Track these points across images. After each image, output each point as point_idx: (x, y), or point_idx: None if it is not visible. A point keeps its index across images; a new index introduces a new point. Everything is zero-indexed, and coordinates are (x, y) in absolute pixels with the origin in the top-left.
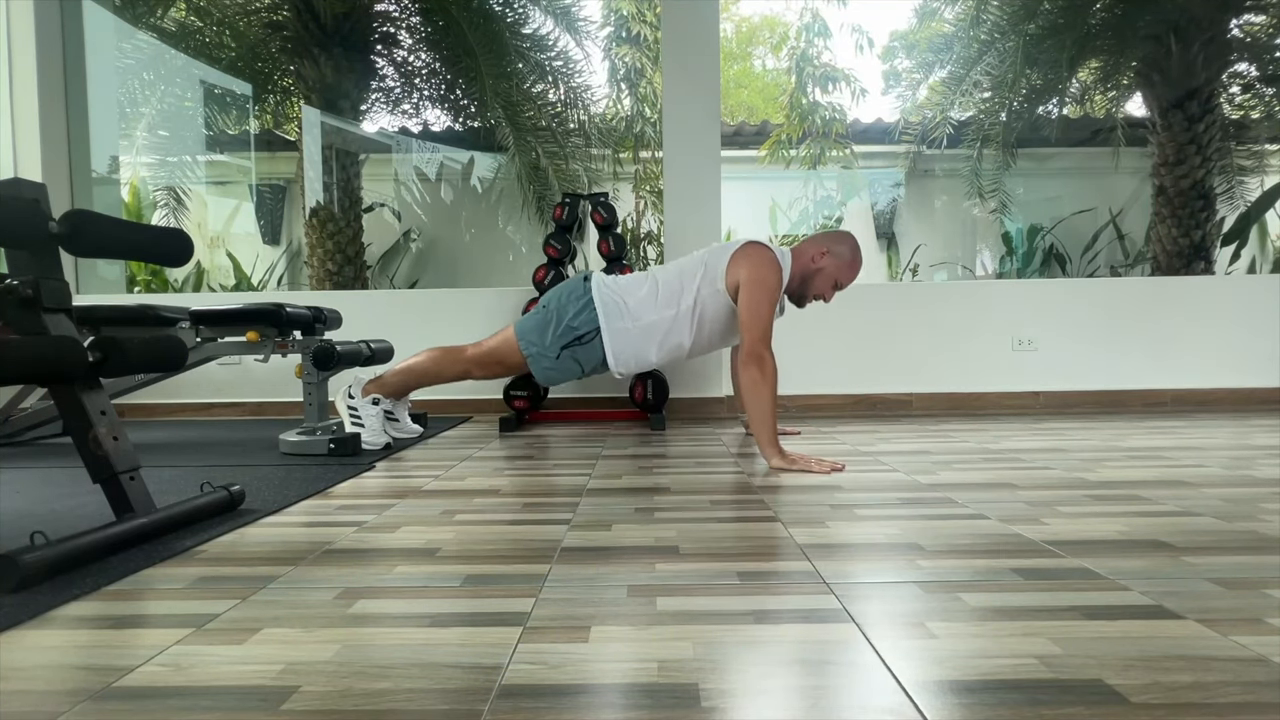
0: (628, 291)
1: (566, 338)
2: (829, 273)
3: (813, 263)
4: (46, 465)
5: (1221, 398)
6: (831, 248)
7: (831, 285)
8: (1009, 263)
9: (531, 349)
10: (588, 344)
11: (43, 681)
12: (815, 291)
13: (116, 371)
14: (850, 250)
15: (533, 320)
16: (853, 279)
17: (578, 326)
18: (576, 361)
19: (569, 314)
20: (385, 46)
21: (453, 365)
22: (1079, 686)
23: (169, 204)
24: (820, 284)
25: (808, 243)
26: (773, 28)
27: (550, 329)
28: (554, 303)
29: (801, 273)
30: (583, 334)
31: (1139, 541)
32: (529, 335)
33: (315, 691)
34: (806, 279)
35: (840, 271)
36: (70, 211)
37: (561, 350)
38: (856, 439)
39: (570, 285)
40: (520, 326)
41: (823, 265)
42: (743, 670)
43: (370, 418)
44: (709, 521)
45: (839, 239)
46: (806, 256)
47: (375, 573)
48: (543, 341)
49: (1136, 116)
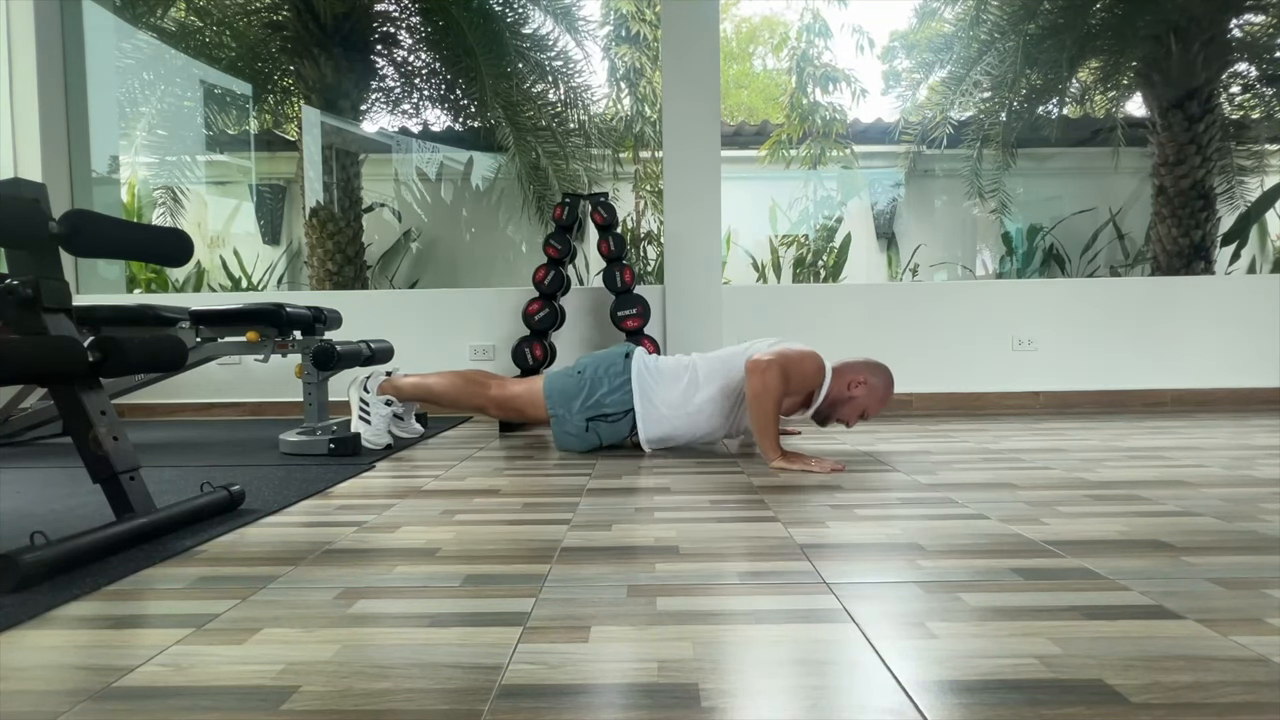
0: (668, 380)
1: (594, 412)
2: (860, 403)
3: (848, 390)
4: (46, 465)
5: (1221, 398)
6: (869, 379)
7: (858, 414)
8: (1009, 263)
9: (557, 411)
10: (614, 423)
11: (43, 681)
12: (841, 417)
13: (116, 371)
14: (885, 385)
15: (563, 382)
16: (880, 410)
17: (608, 405)
18: (598, 435)
19: (602, 388)
20: (385, 46)
21: (472, 399)
22: (1079, 686)
23: (168, 204)
24: (848, 411)
25: (846, 368)
26: (772, 28)
27: (580, 399)
28: (590, 371)
29: (834, 396)
30: (611, 413)
31: (1139, 541)
32: (556, 398)
33: (315, 691)
34: (836, 403)
35: (870, 404)
36: (70, 211)
37: (587, 422)
38: (856, 439)
39: (610, 359)
40: (549, 384)
41: (855, 395)
42: (743, 670)
43: (379, 417)
44: (709, 521)
45: (877, 371)
46: (843, 383)
47: (375, 573)
48: (569, 408)
49: (1136, 116)
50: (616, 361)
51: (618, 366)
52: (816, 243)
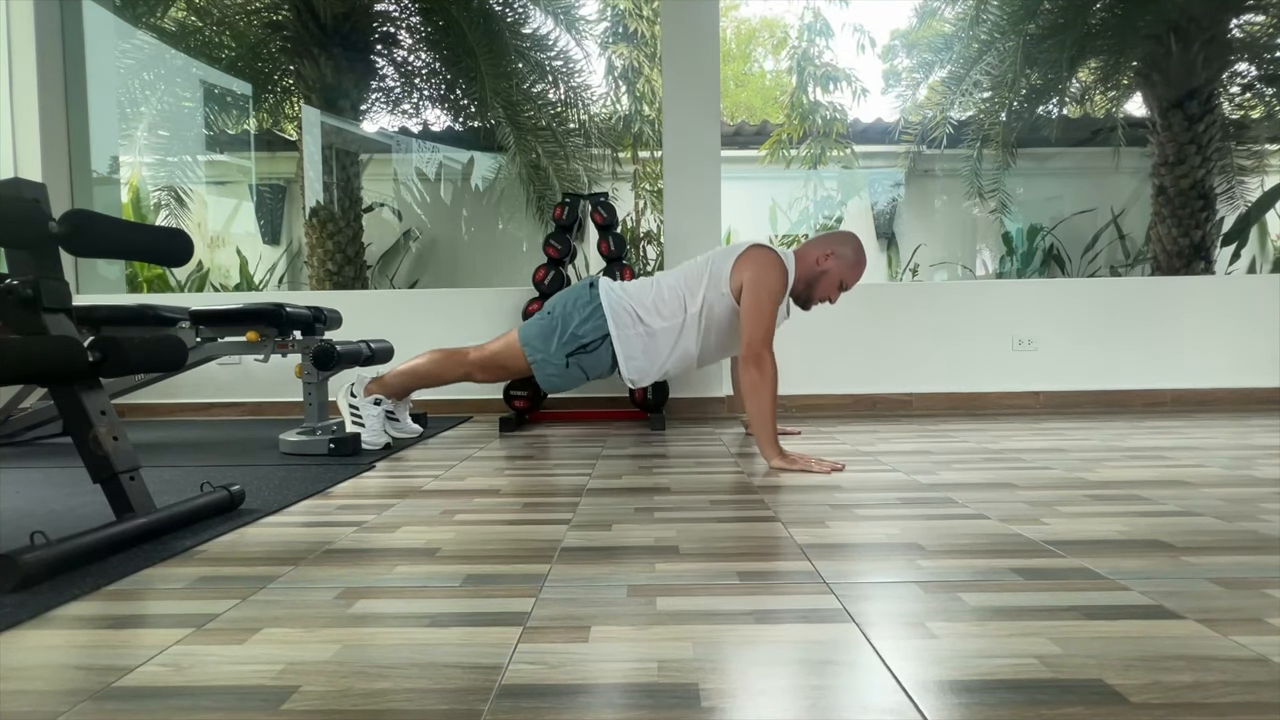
0: (635, 297)
1: (572, 345)
2: (834, 275)
3: (817, 265)
4: (46, 465)
5: (1221, 398)
6: (835, 249)
7: (836, 287)
8: (1009, 263)
9: (536, 355)
10: (593, 351)
11: (43, 681)
12: (820, 294)
13: (116, 371)
14: (854, 251)
15: (537, 326)
16: (857, 279)
17: (584, 335)
18: (581, 369)
19: (575, 321)
20: (385, 46)
21: (455, 368)
22: (1079, 686)
23: (169, 204)
24: (825, 286)
25: (811, 245)
26: (772, 29)
27: (555, 336)
28: (559, 308)
29: (806, 276)
30: (588, 342)
31: (1139, 541)
32: (533, 341)
33: (315, 691)
34: (811, 282)
35: (845, 273)
36: (70, 211)
37: (568, 358)
38: (856, 439)
39: (576, 291)
40: (524, 332)
41: (827, 267)
42: (743, 670)
43: (371, 417)
44: (709, 521)
45: (843, 240)
46: (810, 259)
47: (375, 573)
48: (547, 348)
49: (1136, 116)
50: (583, 292)
51: (585, 296)
52: None
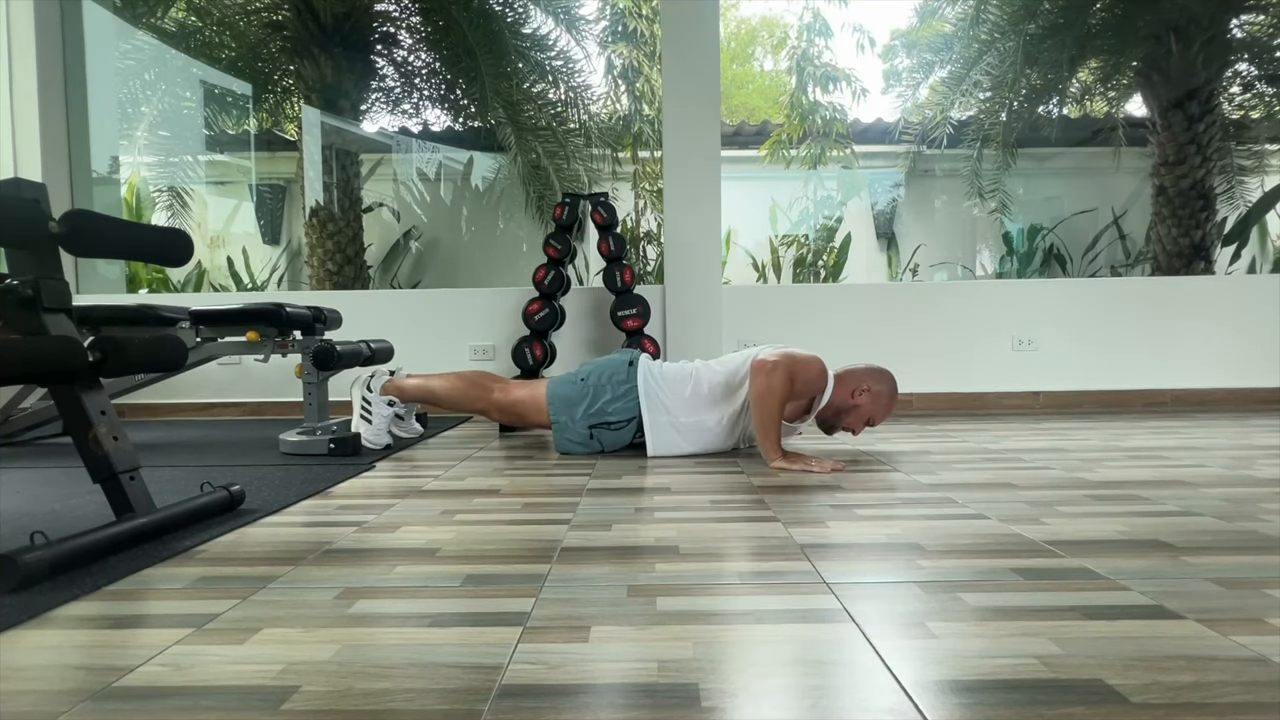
0: (673, 386)
1: (597, 420)
2: (864, 411)
3: (851, 398)
4: (46, 465)
5: (1221, 398)
6: (873, 386)
7: (864, 422)
8: (1009, 263)
9: (560, 418)
10: (617, 430)
11: (43, 681)
12: (846, 425)
13: (116, 371)
14: (889, 393)
15: (567, 389)
16: (885, 418)
17: (612, 413)
18: (600, 443)
19: (606, 396)
20: (385, 46)
21: (474, 402)
22: (1079, 686)
23: (169, 204)
24: (853, 419)
25: (850, 375)
26: (772, 29)
27: (583, 406)
28: (593, 378)
29: (838, 404)
30: (615, 422)
31: (1139, 541)
32: (559, 404)
33: (315, 691)
34: (841, 411)
35: (875, 411)
36: (70, 211)
37: (590, 429)
38: (857, 439)
39: (614, 366)
40: (552, 390)
41: (860, 403)
42: (743, 670)
43: (381, 417)
44: (709, 521)
45: (881, 378)
46: (846, 390)
47: (375, 573)
48: (572, 415)
49: (1136, 116)
50: (620, 369)
51: (621, 374)
52: (816, 243)
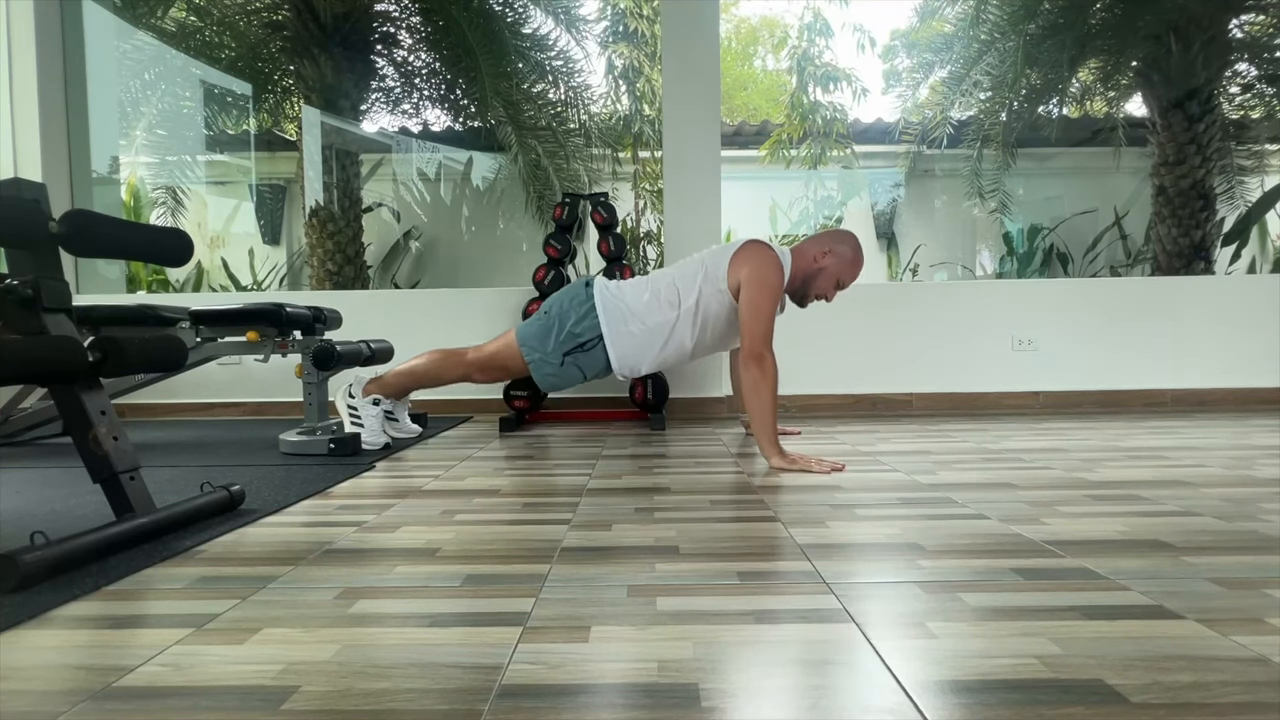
0: (630, 295)
1: (569, 344)
2: (831, 272)
3: (815, 262)
4: (46, 465)
5: (1221, 398)
6: (833, 247)
7: (834, 284)
8: (1009, 263)
9: (533, 355)
10: (590, 350)
11: (43, 681)
12: (817, 291)
13: (116, 371)
14: (852, 249)
15: (534, 326)
16: (855, 277)
17: (580, 333)
18: (579, 368)
19: (571, 320)
20: (385, 46)
21: (454, 368)
22: (1079, 686)
23: (169, 204)
24: (822, 283)
25: (809, 242)
26: (772, 29)
27: (553, 335)
28: (555, 308)
29: (803, 273)
30: (585, 340)
31: (1139, 541)
32: (530, 341)
33: (315, 691)
34: (808, 279)
35: (842, 270)
36: (70, 211)
37: (564, 357)
38: (856, 439)
39: (572, 290)
40: (521, 332)
41: (825, 265)
42: (743, 670)
43: (370, 418)
44: (709, 521)
45: (840, 238)
46: (808, 256)
47: (375, 573)
48: (545, 348)
49: (1136, 116)
50: (579, 292)
51: (581, 295)
52: None
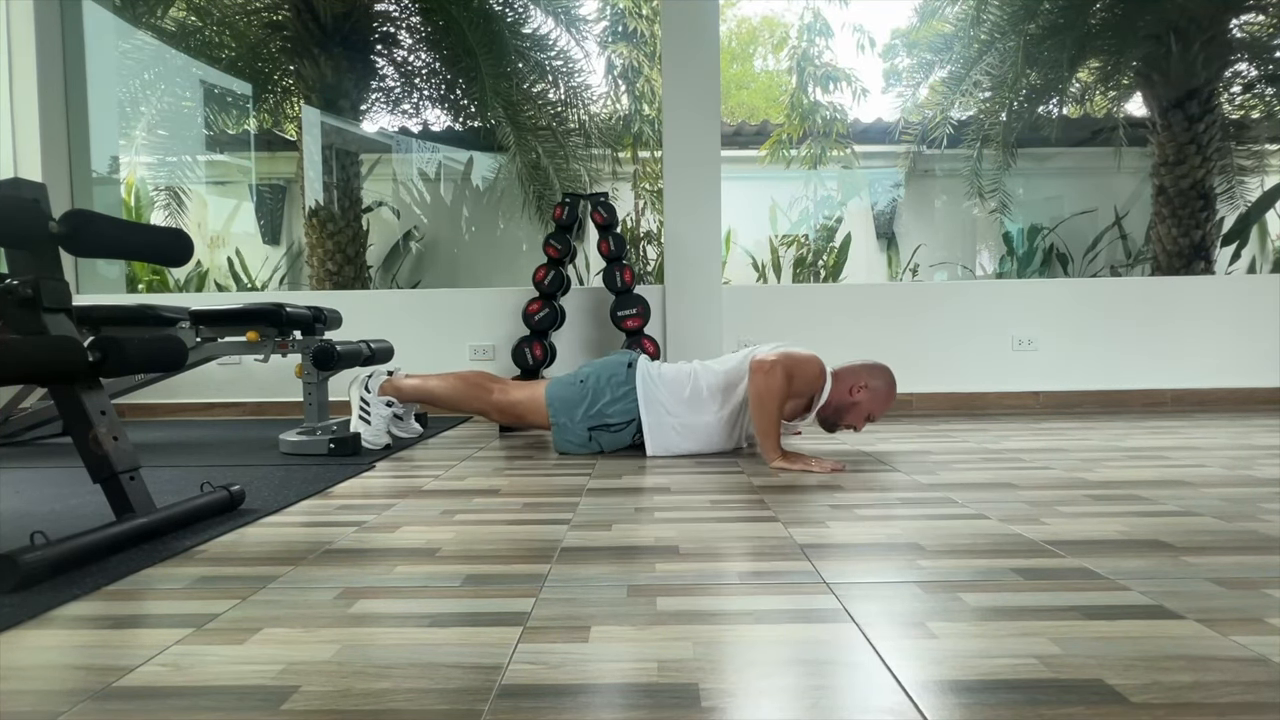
0: (670, 388)
1: (596, 421)
2: (864, 408)
3: (850, 395)
4: (46, 465)
5: (1221, 398)
6: (870, 382)
7: (864, 418)
8: (1009, 263)
9: (559, 419)
10: (616, 432)
11: (43, 681)
12: (847, 422)
13: (116, 371)
14: (887, 386)
15: (566, 391)
16: (885, 411)
17: (611, 415)
18: (600, 444)
19: (605, 398)
20: (385, 46)
21: (473, 402)
22: (1079, 686)
23: (169, 204)
24: (853, 416)
25: (847, 372)
26: (772, 29)
27: (583, 407)
28: (592, 380)
29: (837, 403)
30: (614, 423)
31: (1139, 541)
32: (558, 405)
33: (315, 691)
34: (841, 409)
35: (874, 406)
36: (70, 211)
37: (589, 431)
38: (856, 439)
39: (613, 367)
40: (552, 392)
41: (859, 400)
42: (743, 670)
43: (380, 417)
44: (709, 521)
45: (877, 374)
46: (844, 388)
47: (375, 573)
48: (571, 416)
49: (1136, 116)
50: (619, 371)
51: (620, 376)
52: (816, 243)
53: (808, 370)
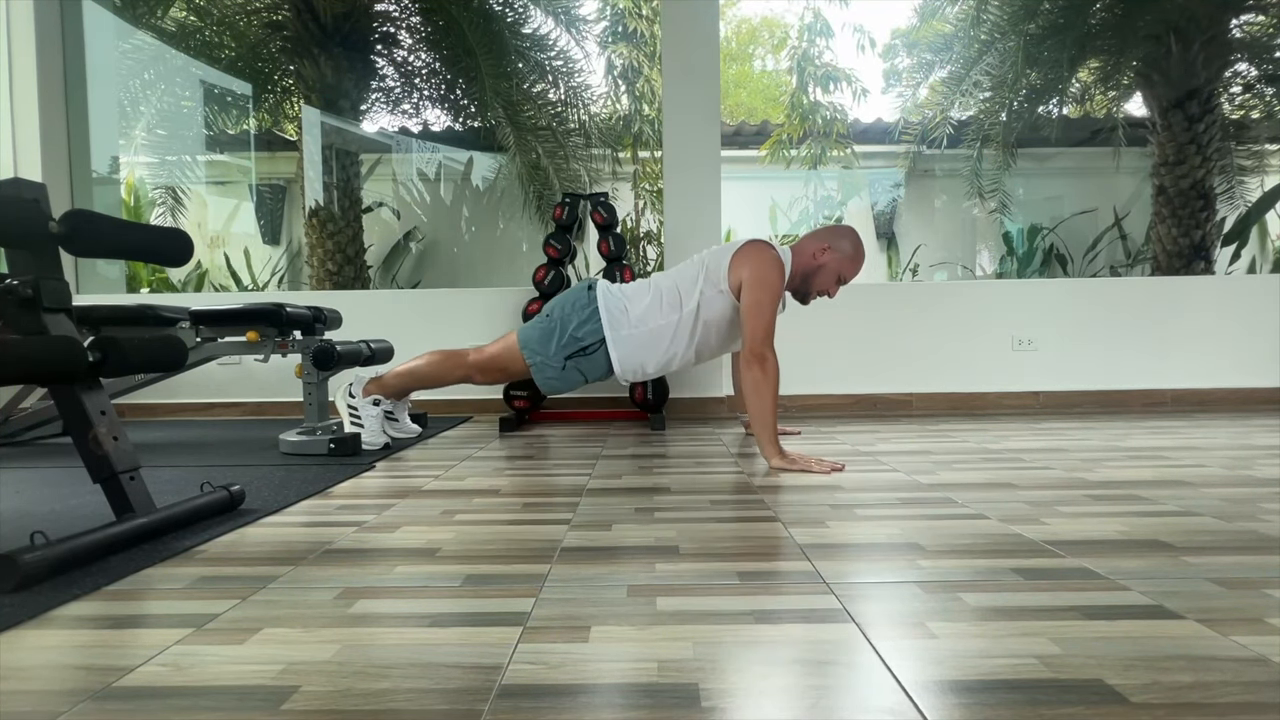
0: (632, 299)
1: (571, 348)
2: (831, 268)
3: (814, 259)
4: (46, 465)
5: (1221, 398)
6: (833, 243)
7: (835, 280)
8: (1009, 263)
9: (535, 358)
10: (592, 354)
11: (43, 681)
12: (819, 288)
13: (116, 371)
14: (852, 245)
15: (536, 329)
16: (856, 272)
17: (582, 337)
18: (580, 372)
19: (573, 324)
20: (385, 46)
21: (454, 370)
22: (1079, 686)
23: (168, 204)
24: (823, 280)
25: (808, 239)
26: (772, 29)
27: (554, 338)
28: (558, 311)
29: (803, 270)
30: (587, 345)
31: (1139, 541)
32: (532, 344)
33: (315, 691)
34: (809, 276)
35: (843, 266)
36: (70, 211)
37: (566, 360)
38: (856, 439)
39: (574, 294)
40: (523, 334)
41: (825, 261)
42: (743, 670)
43: (370, 418)
44: (709, 521)
45: (840, 234)
46: (808, 253)
47: (375, 573)
48: (546, 351)
49: (1136, 116)
50: (581, 295)
51: (583, 299)
52: None
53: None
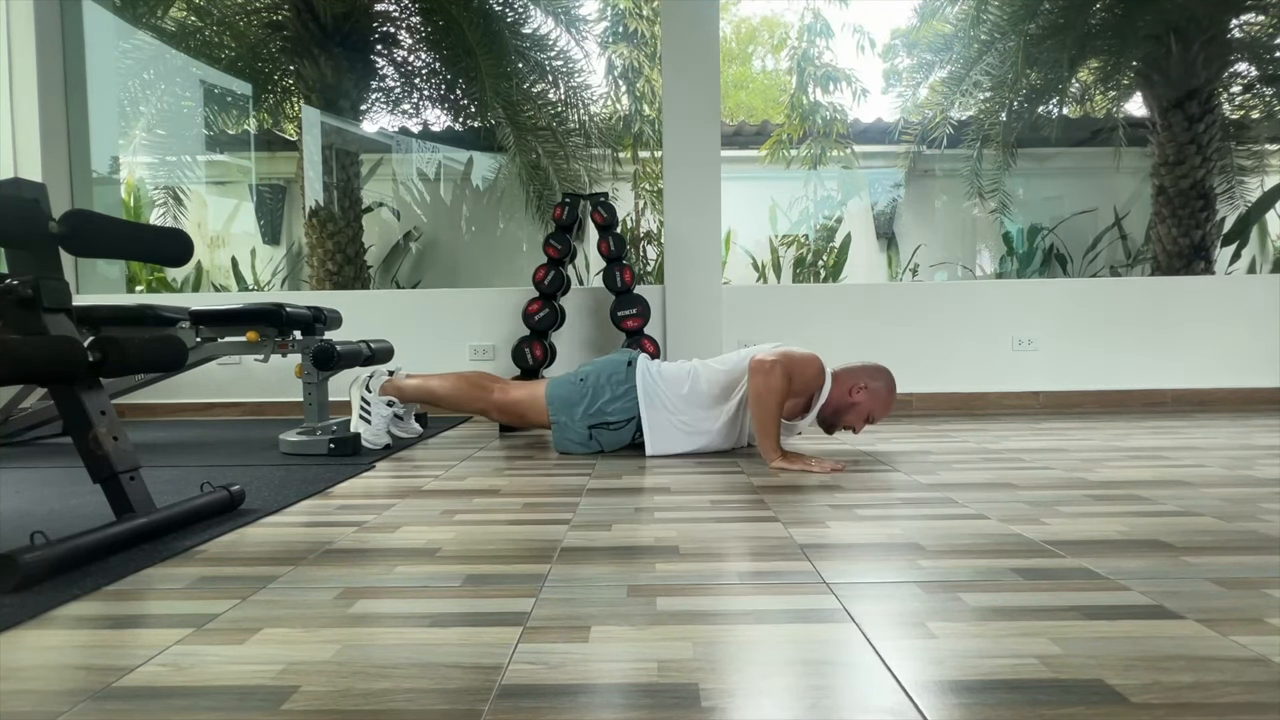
0: (671, 386)
1: (596, 420)
2: (863, 408)
3: (849, 396)
4: (46, 465)
5: (1221, 398)
6: (870, 384)
7: (864, 418)
8: (1009, 263)
9: (559, 418)
10: (616, 430)
11: (43, 681)
12: (847, 423)
13: (116, 371)
14: (886, 388)
15: (566, 389)
16: (885, 415)
17: (611, 413)
18: (600, 443)
19: (605, 396)
20: (385, 46)
21: (474, 402)
22: (1079, 686)
23: (168, 204)
24: (853, 417)
25: (846, 373)
26: (772, 29)
27: (583, 406)
28: (592, 378)
29: (836, 404)
30: (614, 422)
31: (1139, 541)
32: (558, 404)
33: (315, 691)
34: (840, 410)
35: (874, 407)
36: (70, 211)
37: (590, 429)
38: (856, 439)
39: (613, 366)
40: (552, 389)
41: (858, 400)
42: (743, 670)
43: (380, 417)
44: (709, 521)
45: (877, 375)
46: (844, 388)
47: (375, 573)
48: (571, 415)
49: (1136, 116)
50: (619, 369)
51: (620, 374)
52: (816, 243)
53: (807, 370)
